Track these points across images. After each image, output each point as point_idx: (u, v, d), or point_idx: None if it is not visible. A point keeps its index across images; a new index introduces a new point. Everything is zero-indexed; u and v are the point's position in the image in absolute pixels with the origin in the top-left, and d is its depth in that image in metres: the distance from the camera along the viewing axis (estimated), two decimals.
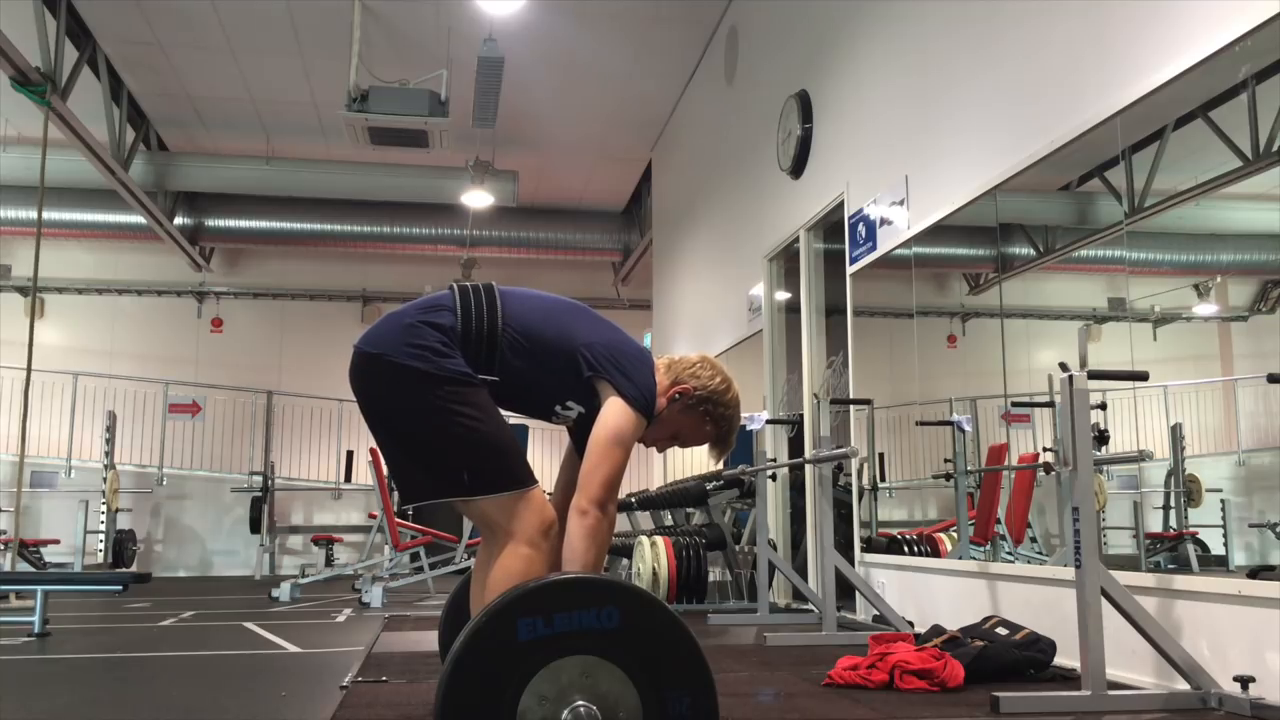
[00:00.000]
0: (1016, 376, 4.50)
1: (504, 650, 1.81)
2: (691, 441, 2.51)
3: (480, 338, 2.28)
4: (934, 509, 5.68)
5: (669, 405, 2.42)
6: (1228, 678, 2.87)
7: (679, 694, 1.86)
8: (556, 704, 1.82)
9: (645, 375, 2.32)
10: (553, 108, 10.40)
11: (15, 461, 8.01)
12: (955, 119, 4.80)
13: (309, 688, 3.54)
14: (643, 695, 1.84)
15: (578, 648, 1.83)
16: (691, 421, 2.46)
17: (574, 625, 1.83)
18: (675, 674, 1.87)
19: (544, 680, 1.81)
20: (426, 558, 8.04)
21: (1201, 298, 3.95)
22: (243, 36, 9.17)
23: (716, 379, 2.46)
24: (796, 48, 6.95)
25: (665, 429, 2.46)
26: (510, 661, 1.81)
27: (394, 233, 12.33)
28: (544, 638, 1.82)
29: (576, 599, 1.85)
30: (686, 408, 2.43)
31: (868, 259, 5.63)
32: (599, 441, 2.23)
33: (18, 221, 11.46)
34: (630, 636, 1.85)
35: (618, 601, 1.87)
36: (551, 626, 1.82)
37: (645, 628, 1.87)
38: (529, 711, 1.81)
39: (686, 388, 2.42)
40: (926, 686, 3.18)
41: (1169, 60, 3.31)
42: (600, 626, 1.84)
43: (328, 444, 12.82)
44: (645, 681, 1.85)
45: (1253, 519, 3.69)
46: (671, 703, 1.85)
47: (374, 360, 2.27)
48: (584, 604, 1.85)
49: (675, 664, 1.87)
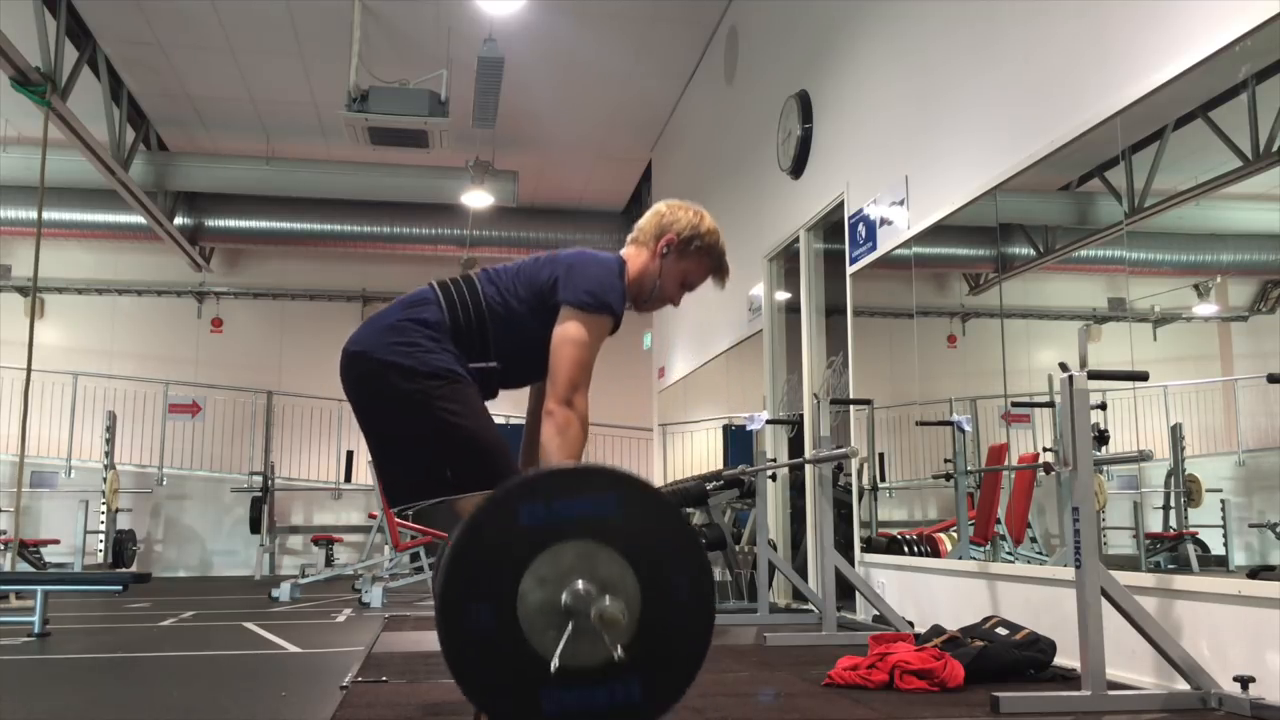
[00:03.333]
0: (1016, 376, 4.50)
1: (504, 535, 1.84)
2: (697, 279, 2.57)
3: (470, 326, 2.30)
4: (934, 509, 5.68)
5: (664, 260, 2.48)
6: (1228, 678, 2.87)
7: (677, 577, 1.90)
8: (556, 586, 1.84)
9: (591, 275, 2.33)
10: (553, 108, 10.40)
11: (15, 461, 8.01)
12: (955, 119, 4.80)
13: (309, 688, 3.54)
14: (641, 578, 1.87)
15: (577, 533, 1.86)
16: (689, 263, 2.52)
17: (573, 511, 1.86)
18: (672, 558, 1.91)
19: (544, 563, 1.84)
20: (426, 558, 8.03)
21: (1201, 298, 3.95)
22: (243, 36, 9.16)
23: (690, 214, 2.52)
24: (796, 48, 6.95)
25: (672, 281, 2.52)
26: (511, 546, 1.84)
27: (394, 233, 12.32)
28: (544, 523, 1.85)
29: (576, 486, 1.89)
30: (679, 253, 2.49)
31: (868, 259, 5.63)
32: (554, 348, 2.25)
33: (18, 221, 11.44)
34: (628, 522, 1.89)
35: (616, 489, 1.91)
36: (551, 512, 1.85)
37: (643, 514, 1.91)
38: (529, 593, 1.83)
39: (670, 236, 2.48)
40: (926, 686, 3.18)
41: (1169, 60, 3.31)
42: (599, 513, 1.87)
43: (328, 444, 12.81)
44: (643, 565, 1.87)
45: (1253, 519, 3.69)
46: (670, 585, 1.89)
47: (359, 359, 2.29)
48: (583, 491, 1.88)
49: (673, 549, 1.91)
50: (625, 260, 2.47)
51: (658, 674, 1.88)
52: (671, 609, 1.88)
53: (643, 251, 2.50)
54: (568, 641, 1.81)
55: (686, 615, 1.90)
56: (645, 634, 1.86)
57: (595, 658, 1.83)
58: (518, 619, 1.82)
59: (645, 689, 1.87)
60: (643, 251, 2.50)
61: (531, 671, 1.81)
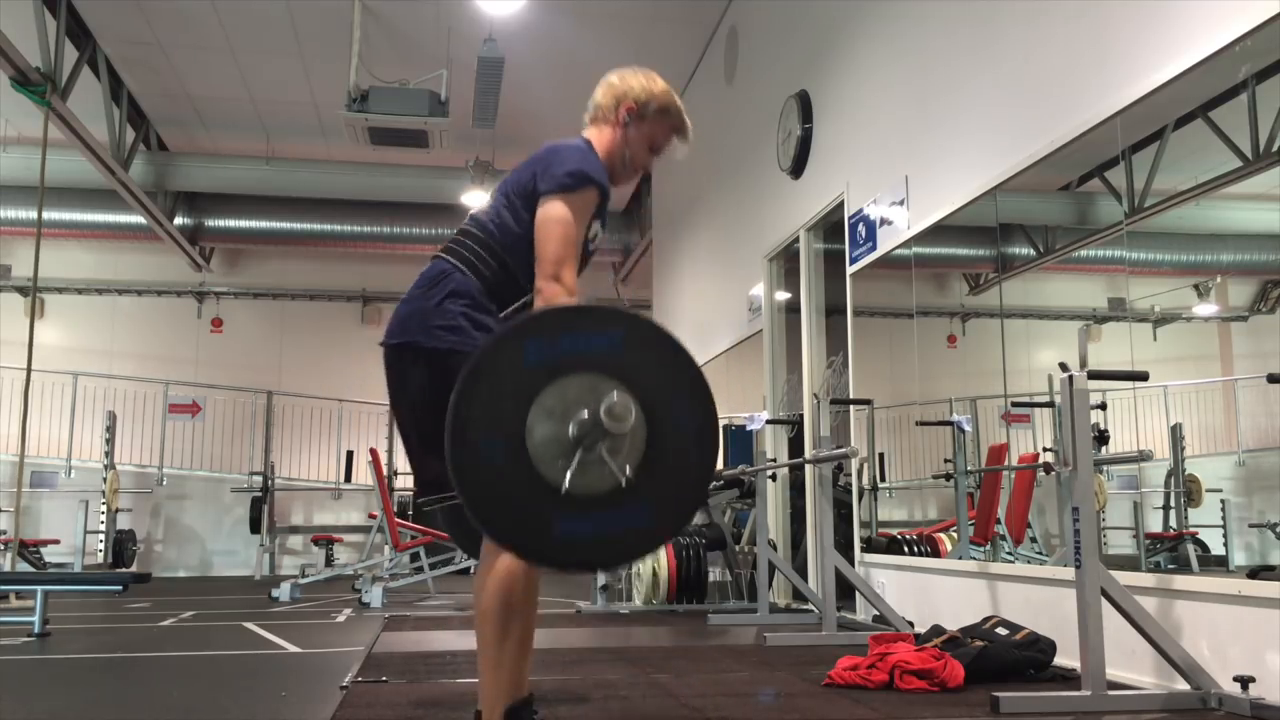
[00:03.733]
0: (1016, 376, 4.50)
1: (511, 371, 1.88)
2: (662, 141, 2.55)
3: (497, 274, 2.29)
4: (934, 509, 5.68)
5: (627, 131, 2.48)
6: (1228, 678, 2.87)
7: (681, 408, 1.94)
8: (563, 418, 1.88)
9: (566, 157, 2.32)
10: (553, 108, 10.36)
11: (15, 461, 8.01)
12: (955, 119, 4.80)
13: (309, 688, 3.54)
14: (646, 409, 1.90)
15: (582, 367, 1.89)
16: (651, 126, 2.51)
17: (578, 346, 1.90)
18: (677, 391, 1.95)
19: (550, 396, 1.87)
20: (426, 558, 8.03)
21: (1201, 298, 3.95)
22: (243, 36, 9.16)
23: (641, 79, 2.52)
24: (796, 48, 6.95)
25: (640, 149, 2.51)
26: (517, 381, 1.87)
27: (394, 233, 12.32)
28: (549, 358, 1.88)
29: (581, 322, 1.93)
30: (640, 119, 2.49)
31: (868, 259, 5.63)
32: (537, 228, 2.25)
33: (18, 221, 11.45)
34: (633, 357, 1.92)
35: (620, 324, 1.95)
36: (557, 347, 1.89)
37: (647, 349, 1.95)
38: (536, 426, 1.87)
39: (629, 104, 2.48)
40: (926, 686, 3.18)
41: (1169, 60, 3.31)
42: (604, 348, 1.91)
43: (328, 444, 12.82)
44: (648, 395, 1.91)
45: (1253, 519, 3.69)
46: (674, 414, 1.93)
47: (401, 350, 2.25)
48: (588, 327, 1.92)
49: (676, 381, 1.95)
50: (590, 140, 2.47)
51: (664, 500, 1.93)
52: (677, 439, 1.93)
53: (605, 127, 2.50)
54: (576, 470, 1.86)
55: (691, 446, 1.95)
56: (652, 462, 1.91)
57: (604, 485, 1.88)
58: (527, 451, 1.86)
59: (653, 514, 1.93)
60: (605, 127, 2.50)
61: (543, 500, 1.87)
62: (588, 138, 2.48)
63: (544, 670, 3.58)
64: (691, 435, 1.94)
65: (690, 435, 1.94)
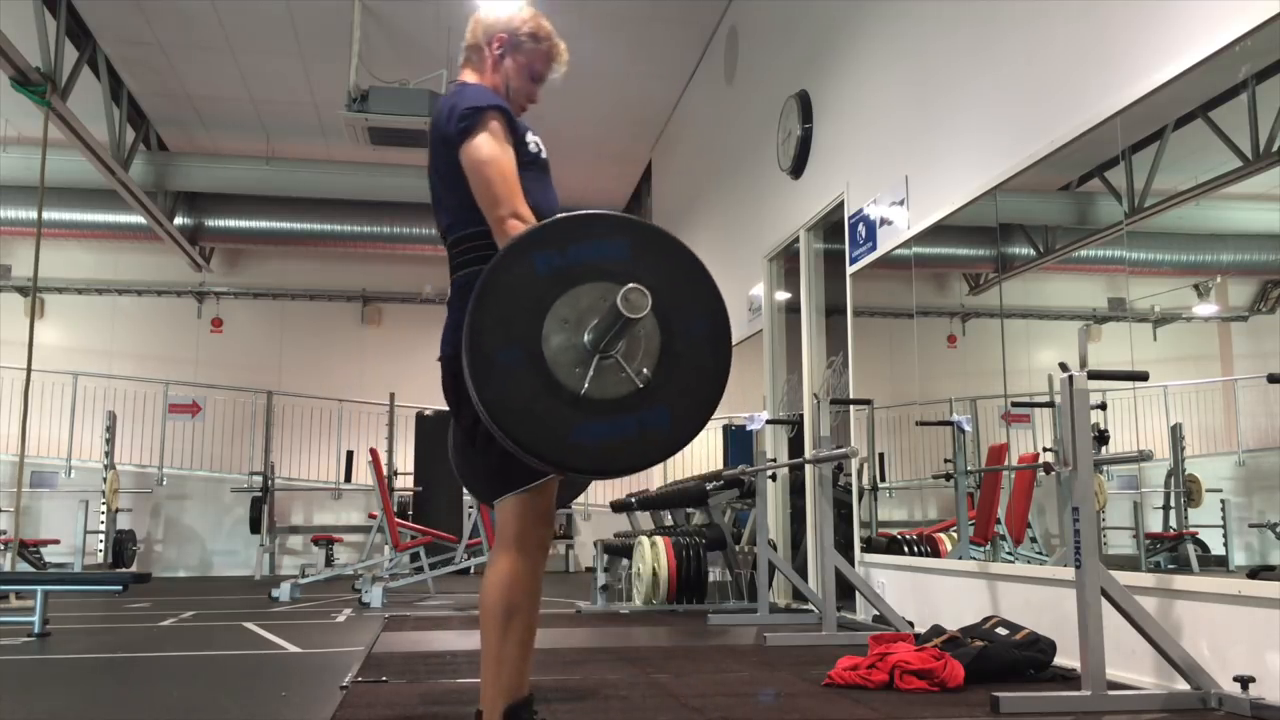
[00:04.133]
0: (1016, 376, 4.50)
1: (523, 281, 1.90)
2: (542, 70, 2.52)
3: None
4: (934, 509, 5.68)
5: (503, 63, 2.46)
6: (1228, 678, 2.88)
7: (693, 312, 1.97)
8: (578, 325, 1.90)
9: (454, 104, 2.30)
10: (552, 108, 10.38)
11: (15, 461, 8.01)
12: (955, 119, 4.80)
13: (309, 688, 3.54)
14: (659, 314, 1.93)
15: (593, 276, 1.92)
16: (525, 55, 2.48)
17: (587, 255, 1.92)
18: (689, 295, 1.98)
19: (564, 305, 1.90)
20: (426, 558, 8.04)
21: (1201, 298, 3.95)
22: (243, 36, 9.16)
23: (501, 14, 2.50)
24: (796, 48, 6.95)
25: (520, 78, 2.48)
26: (530, 291, 1.90)
27: (394, 233, 12.32)
28: (560, 268, 1.91)
29: (588, 231, 1.95)
30: (515, 48, 2.47)
31: (868, 259, 5.63)
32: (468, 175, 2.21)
33: (18, 221, 11.45)
34: (642, 264, 1.94)
35: (627, 232, 1.98)
36: (566, 257, 1.91)
37: (656, 255, 1.97)
38: (551, 335, 1.90)
39: (500, 36, 2.46)
40: (926, 686, 3.18)
41: (1169, 60, 3.31)
42: (614, 256, 1.93)
43: (328, 444, 12.81)
44: (660, 300, 1.92)
45: (1253, 519, 3.69)
46: (686, 319, 1.96)
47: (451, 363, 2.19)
48: (596, 235, 1.95)
49: (688, 286, 1.98)
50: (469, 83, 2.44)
51: (680, 402, 1.96)
52: (690, 342, 1.96)
53: (483, 63, 2.48)
54: (594, 376, 1.89)
55: (704, 348, 1.98)
56: (666, 365, 1.94)
57: (621, 388, 1.91)
58: (544, 358, 1.89)
59: (670, 415, 1.95)
60: (483, 63, 2.48)
61: (562, 405, 1.89)
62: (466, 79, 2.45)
63: (544, 670, 3.58)
64: (704, 337, 1.98)
65: (703, 337, 1.98)
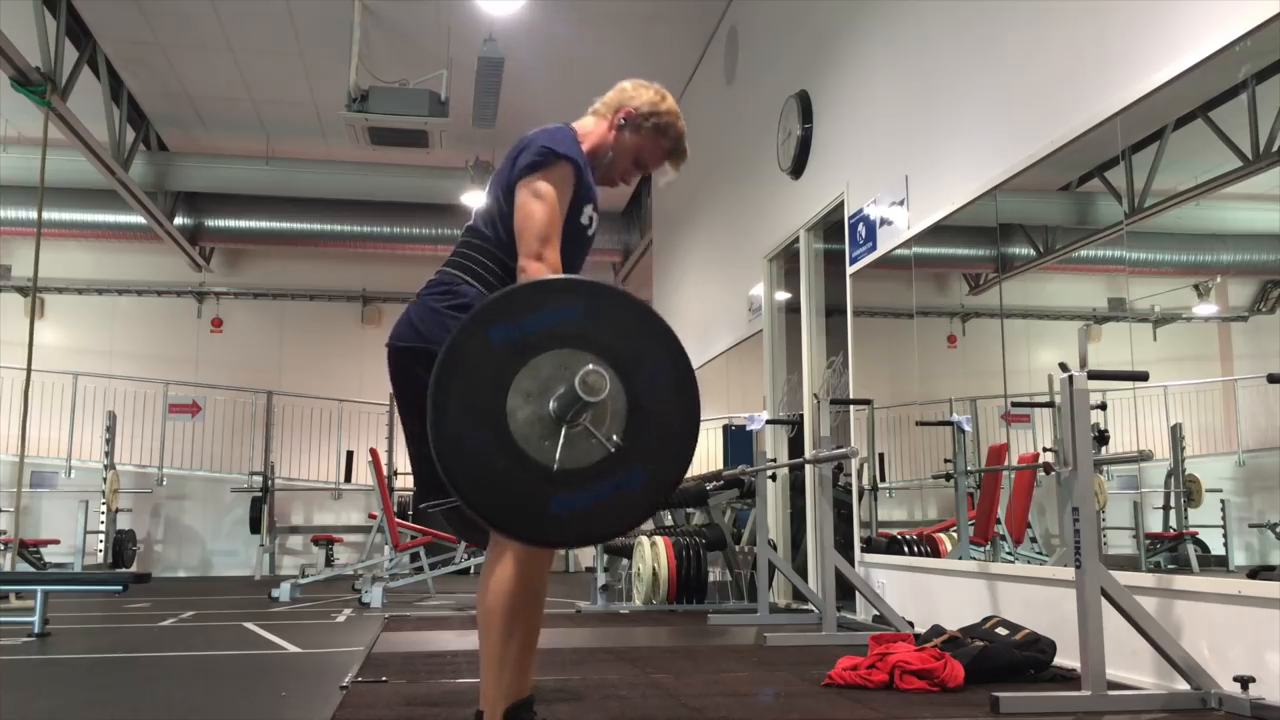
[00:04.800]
0: (1016, 376, 4.50)
1: (481, 359, 1.90)
2: (651, 161, 2.52)
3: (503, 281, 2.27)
4: (934, 509, 5.68)
5: (619, 134, 2.46)
6: (1228, 678, 2.87)
7: (654, 365, 1.98)
8: (541, 396, 1.90)
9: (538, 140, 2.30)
10: (553, 108, 10.33)
11: (15, 461, 8.01)
12: (955, 119, 4.80)
13: (309, 688, 3.54)
14: (620, 372, 1.93)
15: (551, 344, 1.92)
16: (644, 140, 2.48)
17: (542, 324, 1.92)
18: (647, 348, 1.98)
19: (525, 378, 1.90)
20: (426, 558, 8.03)
21: (1201, 298, 3.95)
22: (243, 36, 9.16)
23: (651, 93, 2.49)
24: (796, 48, 6.95)
25: (625, 157, 2.48)
26: (489, 369, 1.90)
27: (394, 233, 12.33)
28: (516, 340, 1.91)
29: (539, 299, 1.96)
30: (636, 129, 2.46)
31: (868, 259, 5.63)
32: (517, 209, 2.23)
33: (18, 221, 11.45)
34: (597, 324, 1.95)
35: (577, 296, 1.97)
36: (521, 327, 1.91)
37: (607, 312, 1.98)
38: (516, 410, 1.90)
39: (630, 111, 2.45)
40: (926, 687, 3.18)
41: (1169, 60, 3.31)
42: (567, 320, 1.94)
43: (328, 444, 12.82)
44: (620, 360, 1.93)
45: (1253, 519, 3.69)
46: (647, 371, 1.96)
47: (409, 354, 2.25)
48: (547, 302, 1.95)
49: (643, 337, 1.98)
50: (577, 128, 2.44)
51: (654, 461, 1.97)
52: (655, 395, 1.96)
53: (601, 122, 2.47)
54: (564, 446, 1.89)
55: (670, 398, 1.98)
56: (635, 424, 1.95)
57: (593, 455, 1.92)
58: (512, 436, 1.89)
59: (646, 474, 1.96)
60: (601, 122, 2.47)
61: (536, 481, 1.89)
62: (575, 125, 2.45)
63: (544, 670, 3.58)
64: (669, 387, 1.98)
65: (668, 387, 1.98)
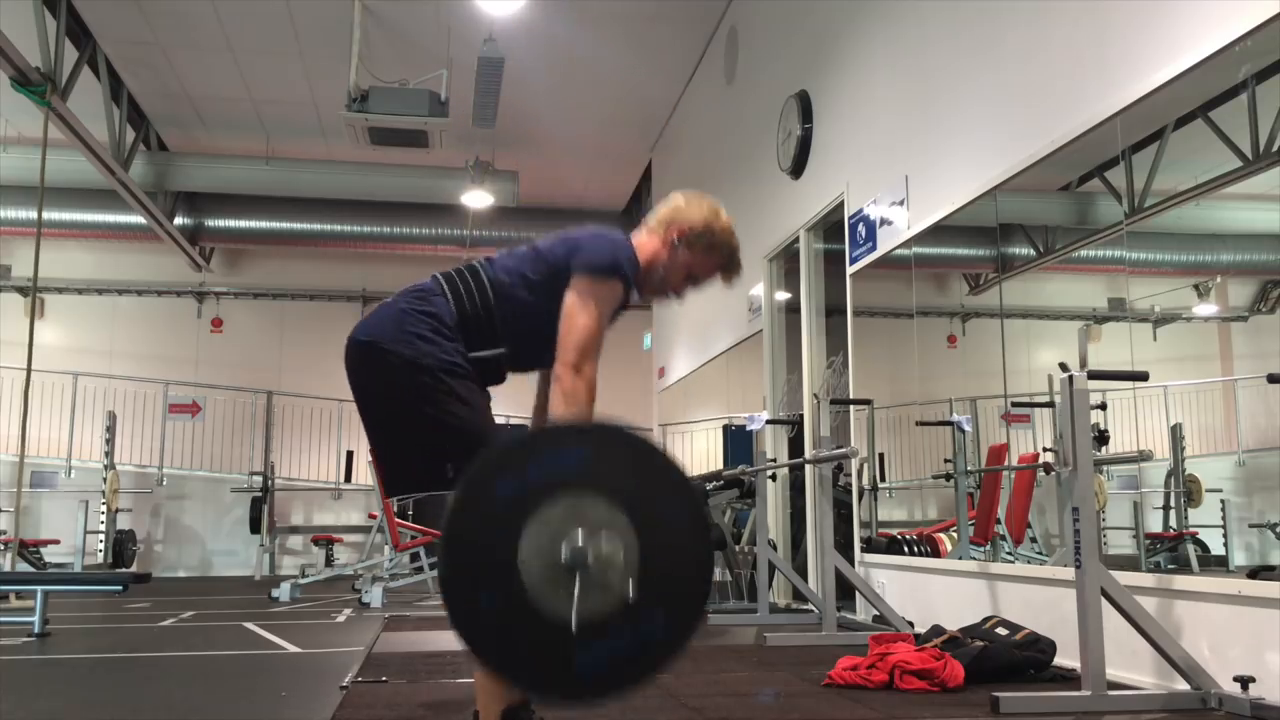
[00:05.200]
0: (1016, 376, 4.50)
1: (488, 515, 1.84)
2: (704, 276, 2.53)
3: (477, 313, 2.29)
4: (934, 509, 5.68)
5: (672, 252, 2.45)
6: (1228, 678, 2.87)
7: (666, 499, 1.91)
8: (552, 548, 1.84)
9: (602, 245, 2.32)
10: (553, 108, 10.39)
11: (15, 461, 8.01)
12: (955, 119, 4.80)
13: (309, 688, 3.54)
14: (631, 515, 1.87)
15: (558, 491, 1.86)
16: (698, 257, 2.48)
17: (549, 472, 1.86)
18: (659, 490, 1.91)
19: (534, 530, 1.84)
20: (426, 558, 8.03)
21: (1201, 298, 3.95)
22: (243, 36, 9.16)
23: (706, 210, 2.49)
24: (796, 48, 6.95)
25: (678, 274, 2.49)
26: (497, 523, 1.83)
27: (394, 233, 12.32)
28: (523, 490, 1.85)
29: (545, 448, 1.91)
30: (690, 246, 2.46)
31: (868, 259, 5.63)
32: (565, 313, 2.23)
33: (18, 221, 11.44)
34: (607, 468, 1.89)
35: (582, 440, 1.93)
36: (526, 478, 1.85)
37: (619, 456, 1.92)
38: (529, 563, 1.82)
39: (684, 229, 2.45)
40: (926, 687, 3.18)
41: (1169, 60, 3.31)
42: (575, 466, 1.88)
43: (328, 444, 12.81)
44: (632, 504, 1.87)
45: (1253, 519, 3.69)
46: (662, 516, 1.90)
47: (365, 347, 2.27)
48: (554, 450, 1.90)
49: (652, 476, 1.92)
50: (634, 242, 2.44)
51: (673, 603, 1.90)
52: (670, 537, 1.90)
53: (654, 238, 2.47)
54: (580, 596, 1.82)
55: (686, 541, 1.92)
56: (651, 568, 1.87)
57: (611, 604, 1.84)
58: (526, 591, 1.81)
59: (667, 618, 1.89)
60: (654, 238, 2.47)
61: (556, 637, 1.82)
62: (634, 239, 2.45)
63: None
64: (684, 530, 1.91)
65: (683, 530, 1.91)
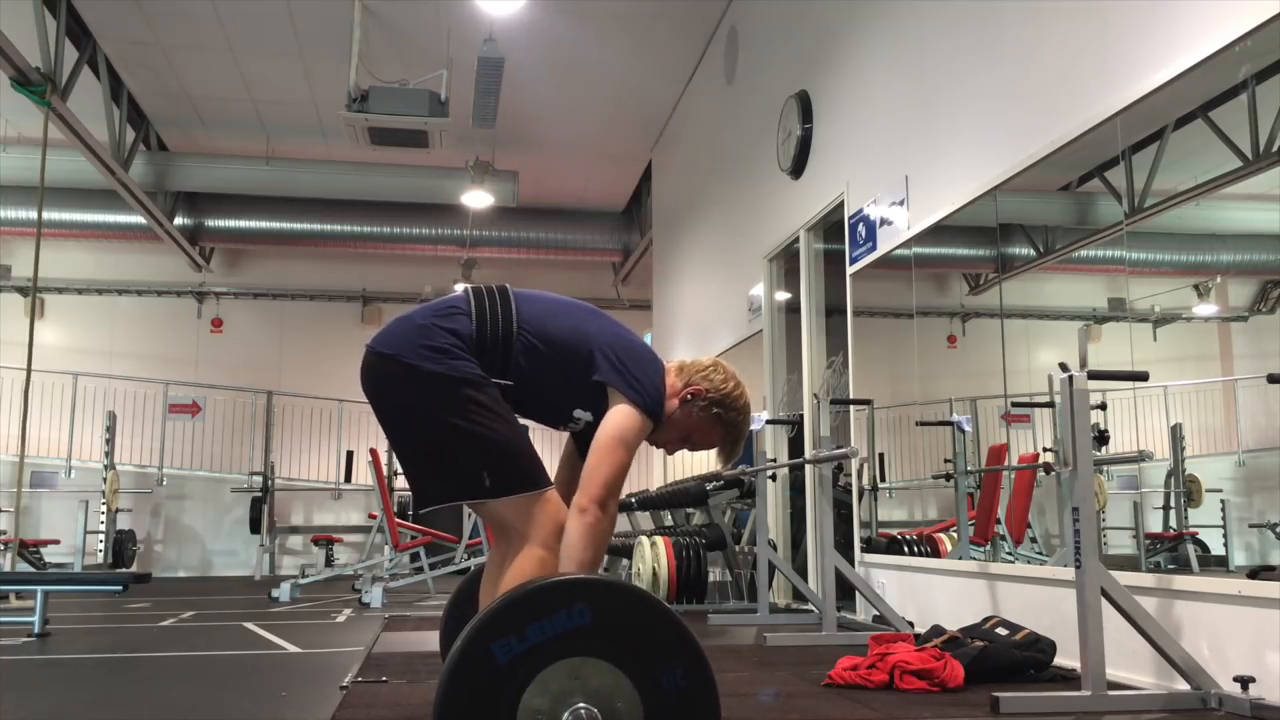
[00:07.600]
0: (1016, 376, 4.50)
1: (487, 678, 1.78)
2: (701, 444, 2.49)
3: (495, 342, 2.26)
4: (934, 509, 5.68)
5: (681, 407, 2.40)
6: (1228, 678, 2.87)
7: (670, 668, 1.84)
8: (552, 714, 1.80)
9: (654, 378, 2.31)
10: (553, 108, 10.40)
11: (15, 461, 8.01)
12: (955, 119, 4.80)
13: (309, 688, 3.54)
14: (634, 679, 1.82)
15: (558, 653, 1.81)
16: (702, 424, 2.44)
17: (548, 633, 1.80)
18: (661, 650, 1.85)
19: (534, 694, 1.79)
20: (426, 558, 8.04)
21: (1201, 298, 3.95)
22: (243, 36, 9.16)
23: (730, 383, 2.44)
24: (796, 48, 6.95)
25: (676, 431, 2.44)
26: (496, 687, 1.78)
27: (394, 233, 12.33)
28: (522, 654, 1.79)
29: (544, 607, 1.82)
30: (699, 409, 2.42)
31: (868, 259, 5.62)
32: (602, 441, 2.21)
33: (18, 221, 11.45)
34: (607, 627, 1.83)
35: (586, 598, 1.85)
36: (526, 641, 1.79)
37: (619, 614, 1.86)
38: None
39: (699, 389, 2.41)
40: (926, 687, 3.18)
41: (1169, 60, 3.31)
42: (575, 626, 1.82)
43: (328, 444, 12.82)
44: (634, 665, 1.83)
45: (1253, 519, 3.69)
46: (665, 678, 1.84)
47: (388, 361, 2.25)
48: (553, 609, 1.82)
49: (658, 640, 1.86)
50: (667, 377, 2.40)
51: None
52: (673, 699, 1.85)
53: (677, 383, 2.42)
54: None
55: (688, 701, 1.86)
56: None
57: None
58: None
59: None
60: (677, 383, 2.42)
61: None
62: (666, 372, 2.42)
63: None
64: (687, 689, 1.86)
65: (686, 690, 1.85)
